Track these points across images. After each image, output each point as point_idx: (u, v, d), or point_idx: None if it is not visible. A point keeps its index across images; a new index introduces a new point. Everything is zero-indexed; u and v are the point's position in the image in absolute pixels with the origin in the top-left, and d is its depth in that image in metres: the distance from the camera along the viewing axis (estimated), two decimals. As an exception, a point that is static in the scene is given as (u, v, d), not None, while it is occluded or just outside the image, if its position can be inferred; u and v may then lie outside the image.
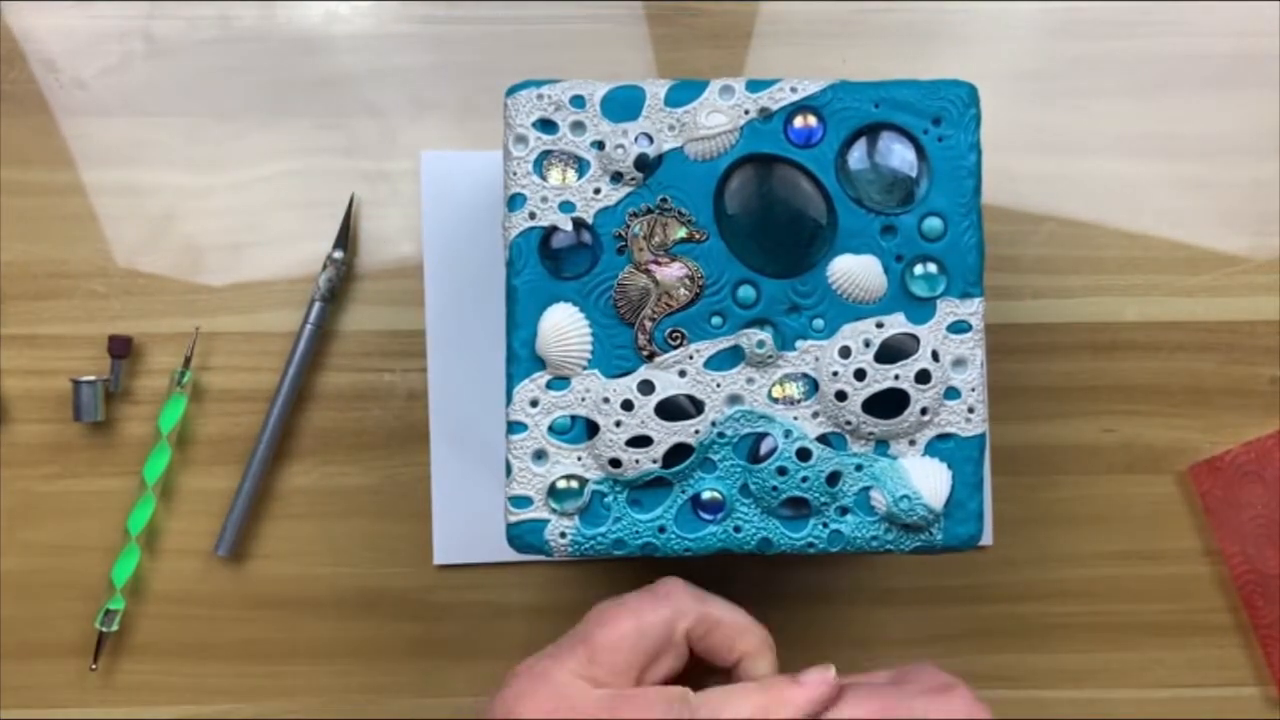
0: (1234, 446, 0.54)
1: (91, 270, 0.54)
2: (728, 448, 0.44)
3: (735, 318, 0.44)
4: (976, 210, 0.44)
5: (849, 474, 0.44)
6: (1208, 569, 0.55)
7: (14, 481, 0.54)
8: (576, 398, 0.44)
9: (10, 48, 0.54)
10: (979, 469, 0.44)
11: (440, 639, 0.54)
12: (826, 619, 0.55)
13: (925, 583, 0.55)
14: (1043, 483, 0.55)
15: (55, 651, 0.54)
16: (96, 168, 0.54)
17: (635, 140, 0.44)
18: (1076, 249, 0.55)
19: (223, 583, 0.54)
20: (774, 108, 0.44)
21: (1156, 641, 0.55)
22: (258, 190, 0.54)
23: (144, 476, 0.53)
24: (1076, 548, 0.55)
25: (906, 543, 0.44)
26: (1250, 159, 0.55)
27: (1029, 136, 0.55)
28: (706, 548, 0.44)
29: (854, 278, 0.43)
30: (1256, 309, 0.55)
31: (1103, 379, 0.55)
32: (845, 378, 0.43)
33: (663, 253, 0.44)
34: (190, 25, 0.55)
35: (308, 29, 0.55)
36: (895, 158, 0.44)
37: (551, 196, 0.44)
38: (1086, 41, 0.56)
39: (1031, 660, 0.55)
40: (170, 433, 0.53)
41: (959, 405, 0.44)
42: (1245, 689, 0.55)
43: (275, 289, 0.54)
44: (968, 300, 0.44)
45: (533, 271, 0.44)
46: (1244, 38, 0.56)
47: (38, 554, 0.54)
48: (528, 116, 0.44)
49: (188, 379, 0.53)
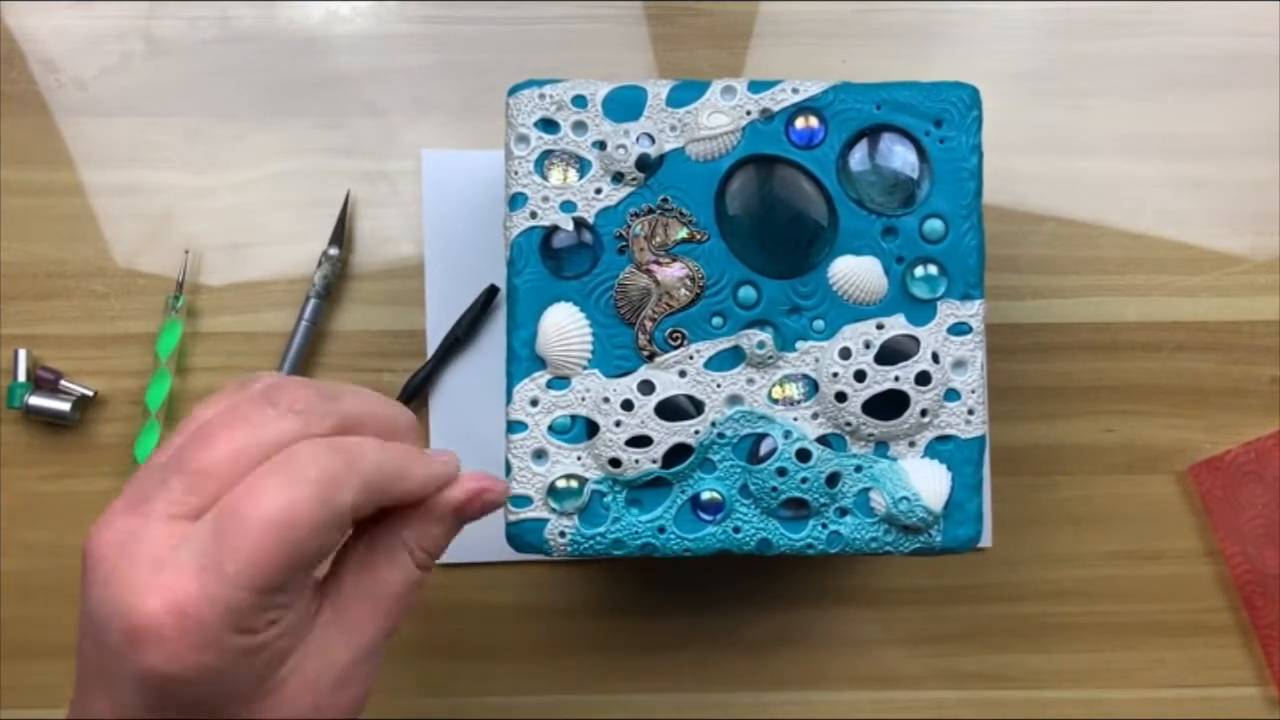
0: (1234, 446, 0.54)
1: (91, 270, 0.54)
2: (727, 448, 0.44)
3: (736, 318, 0.44)
4: (977, 212, 0.44)
5: (849, 475, 0.44)
6: (1208, 569, 0.55)
7: (14, 481, 0.54)
8: (576, 397, 0.44)
9: (10, 48, 0.54)
10: (979, 471, 0.44)
11: (440, 639, 0.54)
12: (826, 620, 0.55)
13: (925, 583, 0.55)
14: (1043, 483, 0.55)
15: (55, 651, 0.53)
16: (96, 168, 0.54)
17: (637, 140, 0.44)
18: (1077, 249, 0.55)
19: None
20: (776, 109, 0.44)
21: (1157, 641, 0.55)
22: (257, 190, 0.54)
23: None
24: (1076, 548, 0.55)
25: (906, 544, 0.44)
26: (1250, 159, 0.55)
27: (1029, 136, 0.55)
28: (706, 548, 0.44)
29: (855, 279, 0.43)
30: (1256, 309, 0.55)
31: (1103, 379, 0.55)
32: (845, 379, 0.43)
33: (663, 253, 0.44)
34: (190, 25, 0.55)
35: (308, 29, 0.55)
36: (896, 159, 0.44)
37: (553, 196, 0.44)
38: (1086, 41, 0.56)
39: (1031, 660, 0.55)
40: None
41: (959, 407, 0.44)
42: (1245, 689, 0.55)
43: (275, 289, 0.54)
44: (968, 302, 0.44)
45: (533, 271, 0.44)
46: (1244, 38, 0.56)
47: (38, 554, 0.54)
48: (529, 116, 0.44)
49: (182, 303, 0.53)
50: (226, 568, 0.30)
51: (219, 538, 0.31)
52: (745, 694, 0.55)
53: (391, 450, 0.34)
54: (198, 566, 0.30)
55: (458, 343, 0.53)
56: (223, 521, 0.31)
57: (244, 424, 0.32)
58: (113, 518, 0.32)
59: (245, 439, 0.32)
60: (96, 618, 0.31)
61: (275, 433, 0.32)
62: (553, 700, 0.54)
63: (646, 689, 0.54)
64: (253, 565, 0.30)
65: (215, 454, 0.32)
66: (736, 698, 0.55)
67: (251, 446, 0.32)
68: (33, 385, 0.53)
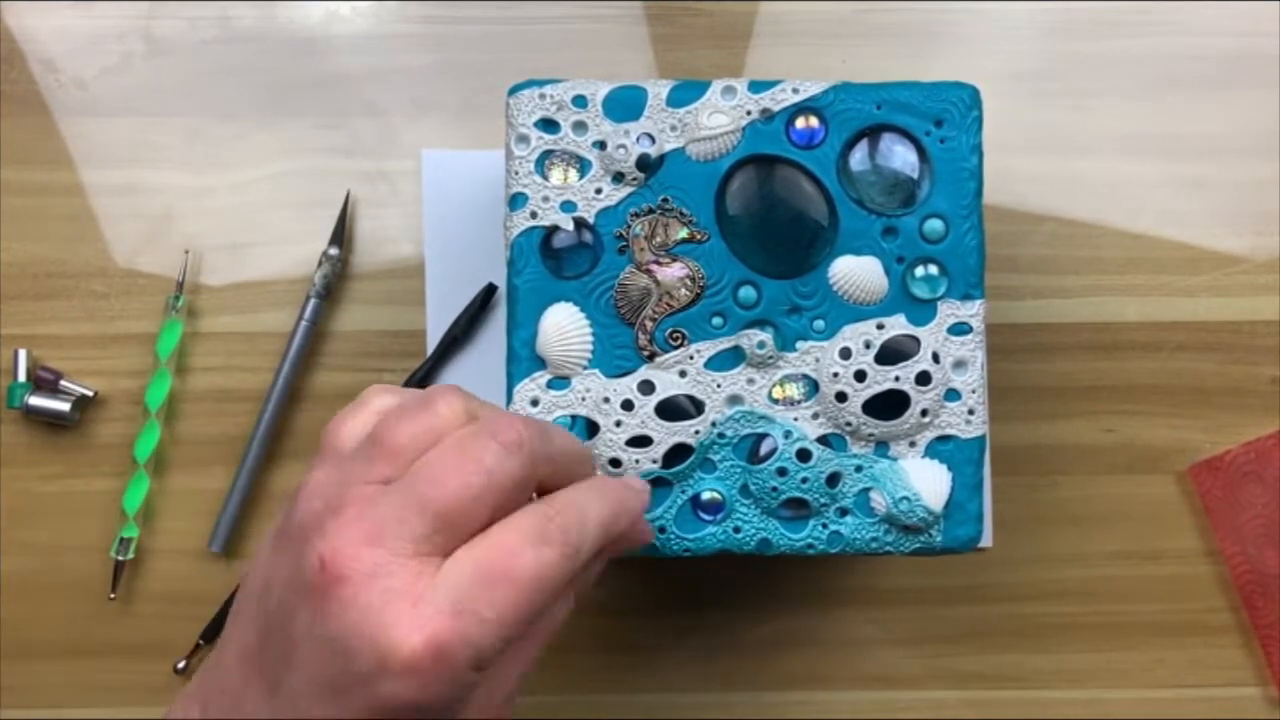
0: (1234, 446, 0.54)
1: (91, 270, 0.54)
2: (728, 448, 0.44)
3: (736, 318, 0.44)
4: (978, 212, 0.44)
5: (849, 475, 0.44)
6: (1208, 569, 0.55)
7: (14, 481, 0.54)
8: (577, 397, 0.44)
9: (10, 48, 0.54)
10: (979, 471, 0.44)
11: (440, 639, 0.54)
12: (826, 620, 0.55)
13: (925, 583, 0.55)
14: (1043, 483, 0.55)
15: (55, 651, 0.54)
16: (96, 168, 0.54)
17: (637, 140, 0.44)
18: (1077, 249, 0.55)
19: (218, 581, 0.54)
20: (776, 109, 0.44)
21: (1157, 641, 0.55)
22: (257, 190, 0.54)
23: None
24: (1076, 548, 0.55)
25: (906, 544, 0.44)
26: (1250, 159, 0.55)
27: (1029, 136, 0.55)
28: (706, 548, 0.44)
29: (855, 279, 0.43)
30: (1256, 309, 0.55)
31: (1103, 379, 0.55)
32: (846, 379, 0.43)
33: (664, 253, 0.44)
34: (190, 25, 0.55)
35: (308, 29, 0.55)
36: (897, 159, 0.44)
37: (553, 196, 0.44)
38: (1086, 41, 0.56)
39: (1031, 660, 0.55)
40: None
41: (959, 407, 0.44)
42: (1245, 689, 0.55)
43: (275, 289, 0.54)
44: (968, 302, 0.44)
45: (534, 271, 0.44)
46: (1244, 38, 0.56)
47: (38, 554, 0.54)
48: (530, 116, 0.44)
49: (182, 303, 0.53)
50: (484, 614, 0.32)
51: (477, 585, 0.33)
52: (745, 694, 0.55)
53: (613, 502, 0.37)
54: (455, 609, 0.32)
55: (456, 341, 0.53)
56: (481, 572, 0.33)
57: (474, 464, 0.34)
58: (355, 548, 0.33)
59: (479, 482, 0.34)
60: (340, 640, 0.32)
61: (504, 475, 0.34)
62: (552, 700, 0.54)
63: (646, 689, 0.54)
64: (506, 615, 0.33)
65: (449, 494, 0.33)
66: (736, 698, 0.55)
67: (486, 490, 0.34)
68: (33, 385, 0.53)
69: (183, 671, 0.53)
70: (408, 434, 0.35)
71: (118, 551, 0.53)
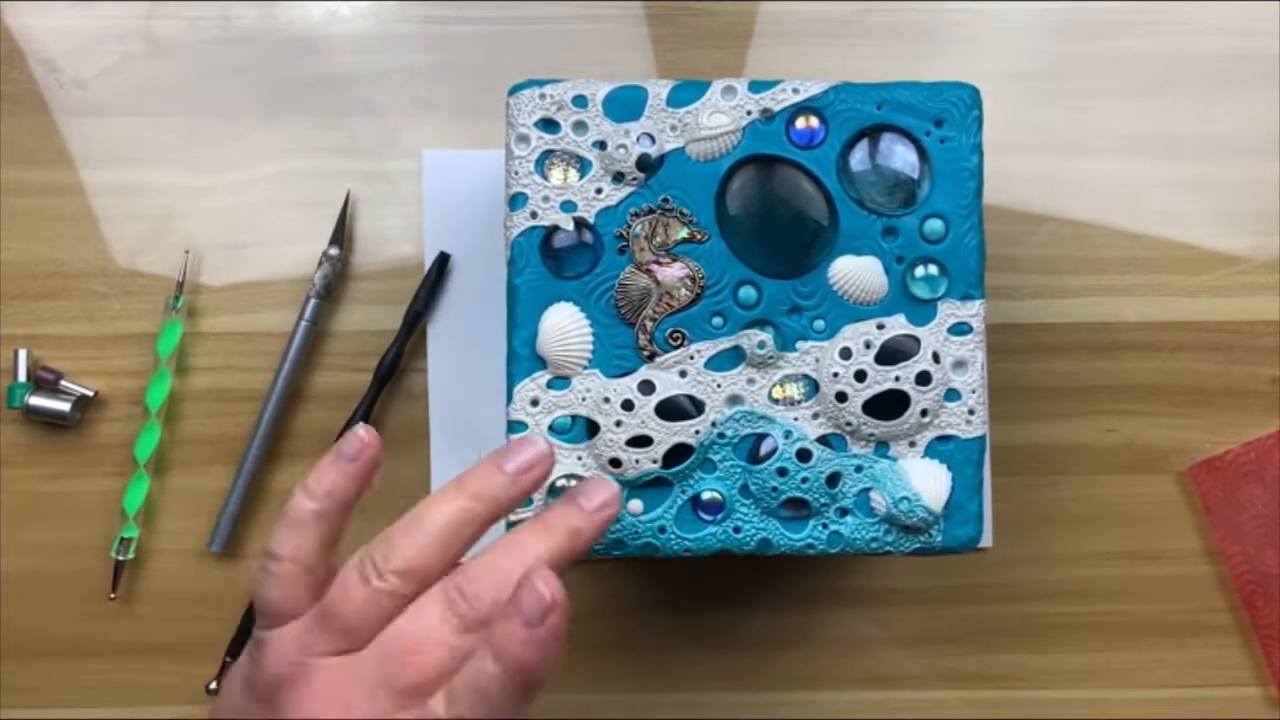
0: (1234, 446, 0.54)
1: (91, 270, 0.54)
2: (728, 448, 0.44)
3: (736, 318, 0.44)
4: (978, 212, 0.44)
5: (849, 475, 0.44)
6: (1208, 569, 0.55)
7: (14, 481, 0.54)
8: (577, 397, 0.44)
9: (10, 48, 0.54)
10: (979, 471, 0.44)
11: (440, 639, 0.54)
12: (826, 620, 0.55)
13: (925, 583, 0.55)
14: (1043, 483, 0.55)
15: (55, 651, 0.54)
16: (96, 168, 0.54)
17: (637, 140, 0.44)
18: (1077, 249, 0.55)
19: (218, 581, 0.54)
20: (776, 109, 0.44)
21: (1157, 641, 0.55)
22: (257, 190, 0.54)
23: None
24: (1076, 548, 0.55)
25: (906, 544, 0.44)
26: (1250, 159, 0.55)
27: (1029, 136, 0.55)
28: (706, 548, 0.44)
29: (855, 279, 0.43)
30: (1256, 309, 0.55)
31: (1103, 379, 0.55)
32: (846, 379, 0.43)
33: (664, 253, 0.44)
34: (190, 25, 0.55)
35: (308, 29, 0.55)
36: (897, 159, 0.44)
37: (553, 196, 0.44)
38: (1086, 41, 0.56)
39: (1031, 660, 0.55)
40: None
41: (959, 407, 0.44)
42: (1245, 689, 0.55)
43: (274, 289, 0.54)
44: (969, 302, 0.44)
45: (534, 271, 0.44)
46: (1244, 38, 0.56)
47: (38, 554, 0.54)
48: (530, 116, 0.44)
49: (182, 303, 0.53)
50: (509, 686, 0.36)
51: (497, 667, 0.35)
52: (745, 694, 0.55)
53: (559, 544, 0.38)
54: None
55: (419, 316, 0.53)
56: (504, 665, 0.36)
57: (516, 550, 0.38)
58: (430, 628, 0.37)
59: (511, 566, 0.37)
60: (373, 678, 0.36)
61: (535, 556, 0.37)
62: (552, 700, 0.54)
63: (647, 689, 0.55)
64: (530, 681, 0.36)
65: (491, 589, 0.37)
66: (736, 698, 0.55)
67: (519, 571, 0.37)
68: (33, 385, 0.53)
69: (214, 692, 0.53)
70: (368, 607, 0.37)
71: (118, 551, 0.53)
